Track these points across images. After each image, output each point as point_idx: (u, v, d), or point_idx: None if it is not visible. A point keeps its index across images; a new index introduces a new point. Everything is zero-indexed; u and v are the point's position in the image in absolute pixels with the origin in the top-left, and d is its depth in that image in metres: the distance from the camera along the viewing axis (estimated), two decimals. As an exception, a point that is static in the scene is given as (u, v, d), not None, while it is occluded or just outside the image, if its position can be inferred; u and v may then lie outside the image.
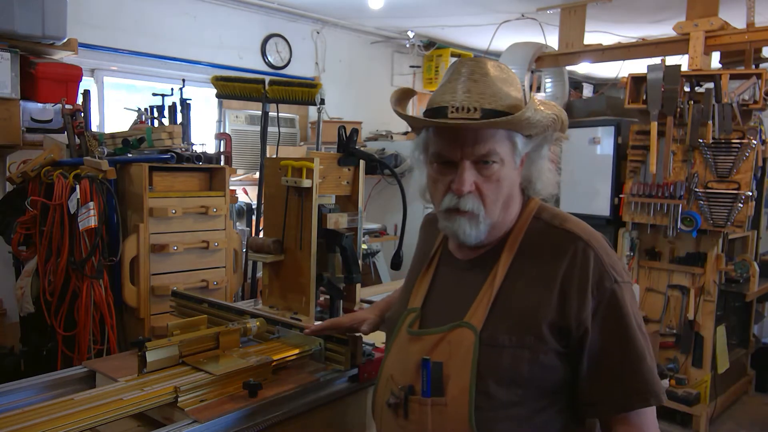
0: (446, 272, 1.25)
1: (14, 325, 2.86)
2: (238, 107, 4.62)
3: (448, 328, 1.13)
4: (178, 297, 1.96)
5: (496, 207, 1.13)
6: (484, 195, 1.12)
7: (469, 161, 1.10)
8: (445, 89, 1.12)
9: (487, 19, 4.89)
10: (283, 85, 2.96)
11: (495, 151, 1.10)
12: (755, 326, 4.50)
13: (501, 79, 1.12)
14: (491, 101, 1.08)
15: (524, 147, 1.15)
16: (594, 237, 1.13)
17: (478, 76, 1.11)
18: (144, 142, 2.50)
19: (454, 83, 1.11)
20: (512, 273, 1.13)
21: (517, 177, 1.17)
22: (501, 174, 1.12)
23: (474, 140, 1.09)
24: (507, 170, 1.13)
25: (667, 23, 4.28)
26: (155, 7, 4.16)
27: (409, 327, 1.20)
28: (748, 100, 3.44)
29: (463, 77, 1.11)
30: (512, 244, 1.16)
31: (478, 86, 1.09)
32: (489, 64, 1.13)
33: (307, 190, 1.78)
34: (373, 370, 1.53)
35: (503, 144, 1.12)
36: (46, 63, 3.03)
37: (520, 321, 1.08)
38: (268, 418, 1.31)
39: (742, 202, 3.45)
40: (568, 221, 1.17)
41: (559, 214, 1.19)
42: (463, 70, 1.12)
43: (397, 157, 4.72)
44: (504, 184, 1.13)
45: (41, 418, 1.11)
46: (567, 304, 1.07)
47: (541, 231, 1.16)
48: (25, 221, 2.45)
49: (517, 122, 1.09)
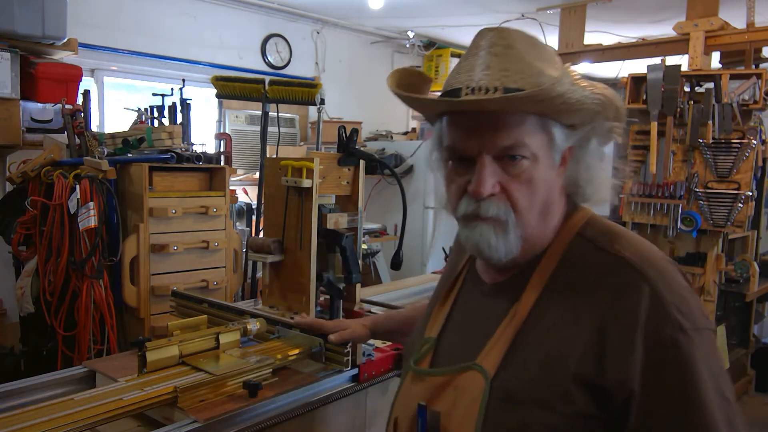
0: (469, 297, 1.03)
1: (14, 325, 2.86)
2: (238, 107, 4.62)
3: (457, 369, 0.91)
4: (178, 297, 1.96)
5: (529, 214, 0.89)
6: (512, 198, 0.88)
7: (489, 156, 0.87)
8: (462, 67, 0.90)
9: (487, 19, 4.89)
10: (283, 85, 2.96)
11: (523, 142, 0.87)
12: (755, 326, 4.50)
13: (531, 52, 0.88)
14: (517, 79, 0.84)
15: (565, 140, 0.91)
16: (655, 264, 0.86)
17: (500, 48, 0.87)
18: (144, 142, 2.50)
19: (472, 59, 0.89)
20: (540, 306, 0.88)
21: (556, 178, 0.92)
22: (533, 173, 0.88)
23: (495, 128, 0.86)
24: (542, 169, 0.89)
25: (667, 23, 4.27)
26: (155, 7, 4.16)
27: (414, 363, 1.01)
28: (748, 100, 3.44)
29: (482, 51, 0.88)
30: (545, 268, 0.91)
31: (501, 61, 0.86)
32: (515, 35, 0.89)
33: (307, 190, 1.78)
34: (374, 369, 1.53)
35: (535, 135, 0.87)
36: (46, 63, 3.03)
37: (542, 371, 0.83)
38: (268, 418, 1.31)
39: (742, 202, 3.45)
40: (621, 241, 0.89)
41: (610, 231, 0.92)
42: (483, 43, 0.89)
43: (397, 157, 4.72)
44: (538, 186, 0.89)
45: (41, 418, 1.11)
46: (606, 355, 0.80)
47: (583, 253, 0.90)
48: (25, 221, 2.45)
49: (547, 100, 0.83)
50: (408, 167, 4.76)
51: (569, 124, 0.90)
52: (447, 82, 0.91)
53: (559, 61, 0.92)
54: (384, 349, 1.62)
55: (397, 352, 1.61)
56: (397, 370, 1.63)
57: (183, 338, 1.45)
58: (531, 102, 0.83)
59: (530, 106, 0.85)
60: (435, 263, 4.54)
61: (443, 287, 1.10)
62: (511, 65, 0.85)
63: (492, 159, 0.88)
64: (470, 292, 1.03)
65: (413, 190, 4.74)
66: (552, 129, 0.89)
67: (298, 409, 1.37)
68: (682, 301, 0.83)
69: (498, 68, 0.85)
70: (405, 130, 5.65)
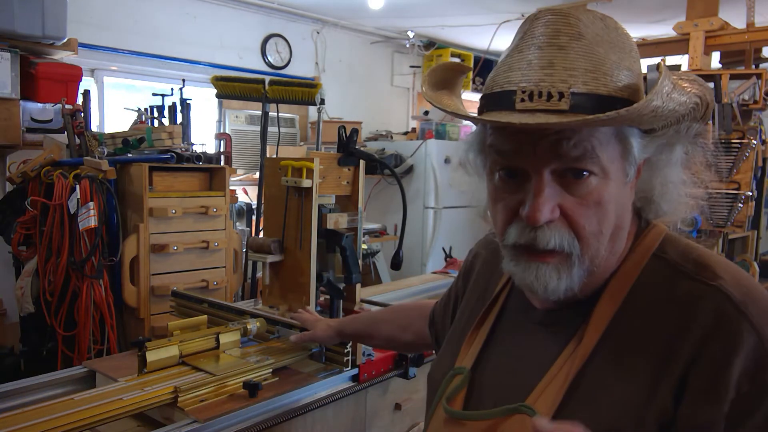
0: (512, 324, 0.87)
1: (14, 325, 2.86)
2: (238, 107, 4.62)
3: (501, 412, 0.76)
4: (178, 297, 1.96)
5: (598, 242, 0.73)
6: (577, 225, 0.71)
7: (548, 170, 0.71)
8: (512, 60, 0.71)
9: (487, 19, 4.89)
10: (283, 85, 2.96)
11: (593, 154, 0.70)
12: (755, 326, 4.50)
13: (606, 41, 0.70)
14: (589, 81, 0.67)
15: (643, 149, 0.74)
16: (755, 296, 0.69)
17: (566, 39, 0.69)
18: (144, 142, 2.50)
19: (527, 52, 0.70)
20: (608, 342, 0.73)
21: (629, 195, 0.76)
22: (602, 193, 0.71)
23: (558, 137, 0.69)
24: (613, 186, 0.72)
25: (667, 23, 4.27)
26: (155, 7, 4.16)
27: (446, 401, 0.83)
28: (748, 100, 3.44)
29: (542, 41, 0.70)
30: (614, 297, 0.75)
31: (567, 56, 0.68)
32: (585, 19, 0.70)
33: (307, 190, 1.78)
34: (374, 369, 1.53)
35: (608, 145, 0.71)
36: (46, 63, 3.03)
37: (610, 417, 0.69)
38: (268, 418, 1.31)
39: (742, 202, 3.45)
40: (710, 266, 0.72)
41: (694, 253, 0.76)
42: (542, 30, 0.70)
43: (397, 157, 4.72)
44: (608, 209, 0.72)
45: (41, 418, 1.11)
46: (690, 400, 0.67)
47: (662, 278, 0.74)
48: (25, 221, 2.45)
49: (637, 117, 0.68)
50: (408, 167, 4.76)
51: (649, 129, 0.73)
52: (495, 77, 0.73)
53: (635, 48, 0.76)
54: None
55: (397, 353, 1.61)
56: (397, 370, 1.63)
57: (183, 338, 1.45)
58: (618, 120, 0.67)
59: (614, 123, 0.69)
60: (435, 263, 4.54)
61: (473, 309, 0.93)
62: (578, 62, 0.68)
63: (552, 175, 0.70)
64: (514, 318, 0.87)
65: (413, 190, 4.74)
66: (630, 138, 0.72)
67: (298, 409, 1.37)
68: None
69: (563, 66, 0.68)
70: (405, 130, 5.65)
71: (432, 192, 4.73)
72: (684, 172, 0.78)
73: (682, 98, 0.70)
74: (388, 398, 1.66)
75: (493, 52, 5.29)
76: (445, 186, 4.77)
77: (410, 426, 1.70)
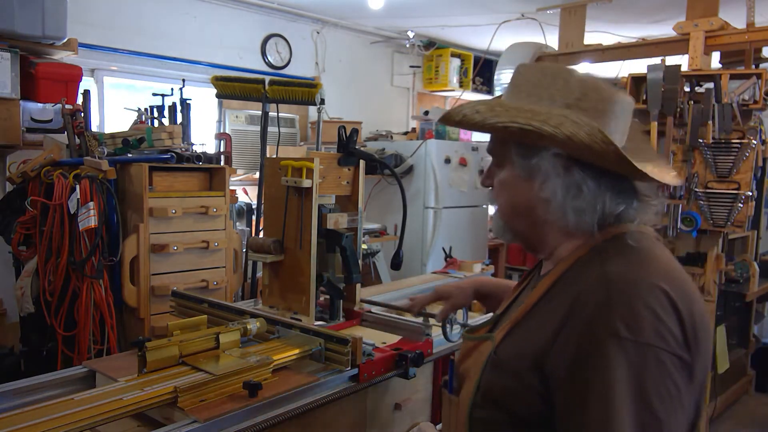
0: (531, 283, 1.18)
1: (14, 325, 2.86)
2: (238, 107, 4.62)
3: (482, 337, 1.10)
4: (178, 297, 1.96)
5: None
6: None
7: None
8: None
9: (487, 19, 4.90)
10: (283, 85, 2.96)
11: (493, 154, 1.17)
12: (755, 326, 4.50)
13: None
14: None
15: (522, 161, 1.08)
16: (630, 282, 0.91)
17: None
18: (144, 142, 2.50)
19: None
20: (544, 300, 1.01)
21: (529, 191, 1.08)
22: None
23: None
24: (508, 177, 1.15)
25: (667, 23, 4.28)
26: (155, 7, 4.16)
27: (470, 331, 1.21)
28: (748, 100, 3.44)
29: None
30: (558, 270, 1.03)
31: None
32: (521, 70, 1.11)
33: (307, 190, 1.78)
34: (374, 369, 1.53)
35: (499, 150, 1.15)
36: (46, 63, 3.03)
37: (522, 349, 0.98)
38: (268, 418, 1.31)
39: (742, 202, 3.45)
40: (622, 260, 0.96)
41: (625, 250, 0.98)
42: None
43: (397, 157, 4.72)
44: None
45: (41, 418, 1.11)
46: (555, 346, 0.92)
47: (586, 263, 1.00)
48: (25, 221, 2.45)
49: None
50: (408, 167, 4.76)
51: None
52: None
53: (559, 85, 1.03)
54: (384, 349, 1.62)
55: (397, 352, 1.61)
56: (397, 370, 1.63)
57: (183, 338, 1.45)
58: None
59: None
60: (435, 263, 4.54)
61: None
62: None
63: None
64: (534, 279, 1.18)
65: (413, 190, 4.74)
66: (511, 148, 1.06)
67: (298, 409, 1.37)
68: (634, 317, 0.87)
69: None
70: (405, 130, 5.65)
71: (432, 192, 4.73)
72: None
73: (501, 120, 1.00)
74: (388, 398, 1.66)
75: (493, 52, 5.29)
76: (445, 186, 4.77)
77: (410, 426, 1.70)
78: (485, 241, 5.26)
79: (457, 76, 5.96)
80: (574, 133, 0.94)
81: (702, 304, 0.97)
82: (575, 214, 1.00)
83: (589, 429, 0.86)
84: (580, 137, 0.94)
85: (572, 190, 1.00)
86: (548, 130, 0.95)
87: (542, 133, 0.96)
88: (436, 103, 6.30)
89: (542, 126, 0.95)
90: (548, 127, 0.95)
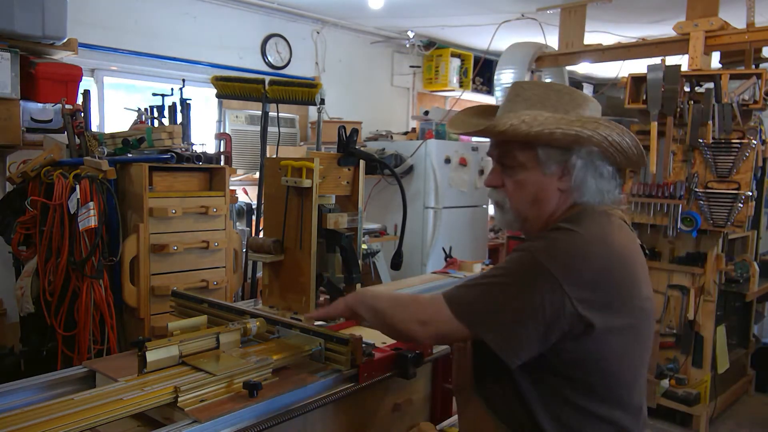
0: None
1: (14, 325, 2.86)
2: (238, 107, 4.62)
3: None
4: (178, 297, 1.95)
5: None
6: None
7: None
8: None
9: (487, 19, 4.90)
10: (283, 85, 2.96)
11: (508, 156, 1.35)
12: (755, 326, 4.50)
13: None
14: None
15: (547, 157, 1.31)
16: (568, 238, 1.19)
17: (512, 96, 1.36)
18: (144, 142, 2.50)
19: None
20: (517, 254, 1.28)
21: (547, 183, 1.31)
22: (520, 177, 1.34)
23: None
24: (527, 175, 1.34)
25: (667, 23, 4.28)
26: (155, 7, 4.16)
27: None
28: (748, 100, 3.43)
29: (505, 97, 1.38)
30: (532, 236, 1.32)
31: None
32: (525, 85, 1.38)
33: (307, 190, 1.78)
34: (374, 369, 1.53)
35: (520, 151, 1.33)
36: (46, 63, 3.03)
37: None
38: (268, 418, 1.31)
39: (742, 202, 3.45)
40: (571, 225, 1.22)
41: (570, 220, 1.24)
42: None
43: (397, 157, 4.72)
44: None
45: (41, 418, 1.11)
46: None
47: (546, 229, 1.27)
48: (25, 221, 2.45)
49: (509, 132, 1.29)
50: (408, 167, 4.76)
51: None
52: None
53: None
54: (384, 349, 1.62)
55: (397, 352, 1.61)
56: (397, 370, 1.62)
57: (183, 338, 1.45)
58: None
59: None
60: (435, 263, 4.54)
61: None
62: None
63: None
64: None
65: (413, 190, 4.74)
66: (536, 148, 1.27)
67: (298, 409, 1.37)
68: (554, 253, 1.17)
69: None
70: (405, 130, 5.65)
71: (432, 192, 4.73)
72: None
73: (539, 128, 1.20)
74: (388, 398, 1.66)
75: (493, 52, 5.29)
76: (445, 186, 4.78)
77: (410, 426, 1.70)
78: (485, 241, 5.26)
79: (457, 76, 5.97)
80: (609, 134, 1.21)
81: (637, 278, 1.21)
82: (591, 197, 1.26)
83: (459, 287, 1.24)
84: (614, 138, 1.22)
85: (595, 179, 1.26)
86: (588, 133, 1.20)
87: (581, 137, 1.20)
88: (436, 103, 6.30)
89: (582, 130, 1.20)
90: (587, 131, 1.20)
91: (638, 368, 1.26)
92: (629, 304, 1.19)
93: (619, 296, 1.18)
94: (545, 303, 1.13)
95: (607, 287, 1.16)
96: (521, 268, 1.18)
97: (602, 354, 1.18)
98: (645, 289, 1.25)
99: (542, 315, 1.13)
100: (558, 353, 1.17)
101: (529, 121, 1.20)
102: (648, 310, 1.25)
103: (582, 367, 1.19)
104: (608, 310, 1.16)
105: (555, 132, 1.20)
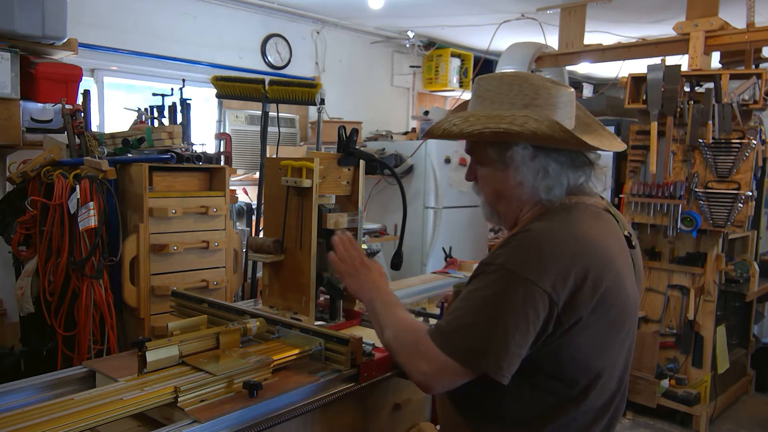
0: None
1: (14, 325, 2.86)
2: (238, 107, 4.62)
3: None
4: (178, 297, 1.95)
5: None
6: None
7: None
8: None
9: (487, 19, 4.89)
10: (283, 85, 2.96)
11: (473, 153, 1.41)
12: (755, 326, 4.50)
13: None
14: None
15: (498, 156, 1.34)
16: (540, 234, 1.20)
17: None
18: (144, 142, 2.50)
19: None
20: (500, 249, 1.29)
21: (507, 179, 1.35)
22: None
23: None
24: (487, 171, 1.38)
25: (667, 23, 4.28)
26: (155, 7, 4.16)
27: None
28: (748, 100, 3.44)
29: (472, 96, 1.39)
30: (518, 227, 1.31)
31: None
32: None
33: (307, 190, 1.78)
34: (374, 369, 1.53)
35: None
36: (46, 63, 3.03)
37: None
38: (268, 418, 1.31)
39: (742, 202, 3.45)
40: (545, 219, 1.24)
41: (555, 214, 1.25)
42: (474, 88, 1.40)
43: (397, 157, 4.72)
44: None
45: (41, 418, 1.11)
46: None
47: (531, 220, 1.29)
48: (25, 221, 2.45)
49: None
50: (408, 167, 4.76)
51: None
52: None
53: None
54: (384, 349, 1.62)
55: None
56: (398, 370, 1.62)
57: (183, 338, 1.45)
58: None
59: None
60: (435, 263, 4.54)
61: None
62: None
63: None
64: None
65: (413, 190, 4.74)
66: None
67: (298, 409, 1.37)
68: (523, 259, 1.18)
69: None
70: (405, 130, 5.65)
71: (432, 192, 4.73)
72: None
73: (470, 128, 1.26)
74: (388, 398, 1.66)
75: (493, 52, 5.29)
76: (445, 186, 4.77)
77: (410, 426, 1.70)
78: (485, 241, 5.26)
79: (457, 76, 5.96)
80: (537, 128, 1.20)
81: (611, 269, 1.20)
82: (546, 191, 1.27)
83: (447, 315, 1.25)
84: (543, 130, 1.20)
85: (540, 172, 1.26)
86: (516, 129, 1.20)
87: (511, 132, 1.21)
88: (436, 103, 6.30)
89: (510, 127, 1.21)
90: (515, 126, 1.21)
91: (608, 363, 1.24)
92: (607, 296, 1.18)
93: (593, 288, 1.16)
94: (529, 312, 1.13)
95: (580, 281, 1.15)
96: (501, 290, 1.16)
97: (574, 348, 1.18)
98: (627, 279, 1.24)
99: (533, 325, 1.13)
100: (538, 349, 1.18)
101: (460, 123, 1.26)
102: (626, 299, 1.23)
103: (554, 360, 1.19)
104: (583, 303, 1.15)
105: (484, 131, 1.23)
